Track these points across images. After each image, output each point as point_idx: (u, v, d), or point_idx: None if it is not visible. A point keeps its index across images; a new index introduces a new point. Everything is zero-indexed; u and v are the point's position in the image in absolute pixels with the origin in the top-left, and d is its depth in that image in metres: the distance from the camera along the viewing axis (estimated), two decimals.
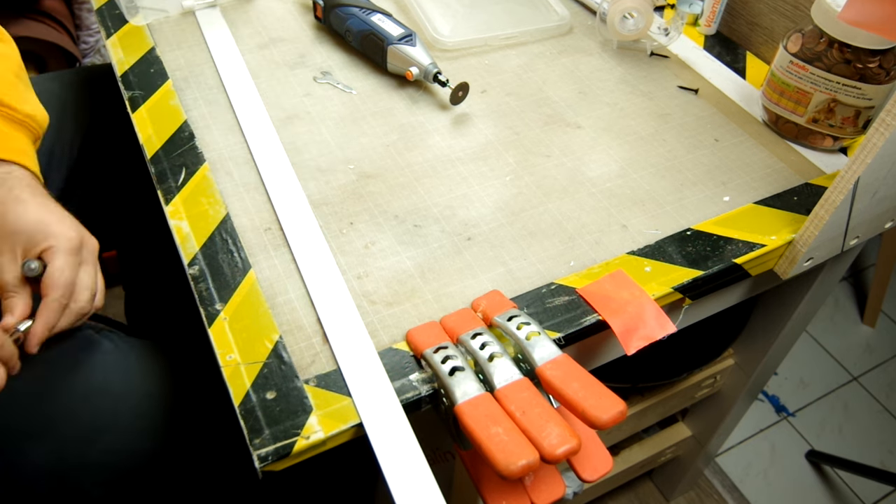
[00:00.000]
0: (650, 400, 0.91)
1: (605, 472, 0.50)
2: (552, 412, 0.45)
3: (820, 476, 1.35)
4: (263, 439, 0.46)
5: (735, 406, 0.99)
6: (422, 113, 0.73)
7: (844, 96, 0.66)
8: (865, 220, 0.62)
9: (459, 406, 0.45)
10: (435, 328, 0.52)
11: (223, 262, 0.57)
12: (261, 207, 0.61)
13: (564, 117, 0.74)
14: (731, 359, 0.94)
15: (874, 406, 1.47)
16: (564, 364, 0.48)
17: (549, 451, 0.42)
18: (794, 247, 0.61)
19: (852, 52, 0.64)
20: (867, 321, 1.61)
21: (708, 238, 0.61)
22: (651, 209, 0.64)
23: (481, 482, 0.50)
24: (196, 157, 0.65)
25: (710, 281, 0.59)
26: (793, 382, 1.50)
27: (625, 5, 0.79)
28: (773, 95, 0.71)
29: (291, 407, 0.48)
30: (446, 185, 0.65)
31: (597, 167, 0.68)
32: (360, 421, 0.47)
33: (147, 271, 0.91)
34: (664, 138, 0.72)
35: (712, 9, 0.85)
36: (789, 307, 0.81)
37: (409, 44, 0.74)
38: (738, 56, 0.84)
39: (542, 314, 0.55)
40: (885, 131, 0.51)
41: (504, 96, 0.76)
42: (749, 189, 0.67)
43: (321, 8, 0.80)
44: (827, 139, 0.70)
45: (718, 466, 1.34)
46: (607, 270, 0.58)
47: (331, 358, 0.51)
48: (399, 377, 0.50)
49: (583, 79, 0.79)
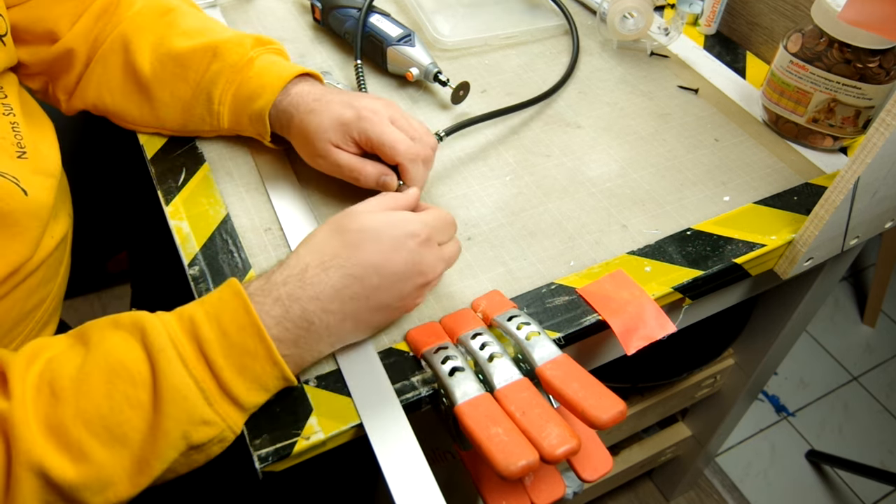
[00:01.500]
0: (650, 400, 0.91)
1: (605, 472, 0.50)
2: (552, 412, 0.45)
3: (820, 476, 1.35)
4: (263, 440, 0.46)
5: (735, 406, 0.99)
6: (422, 113, 0.73)
7: (844, 96, 0.66)
8: (865, 220, 0.62)
9: (459, 406, 0.45)
10: (435, 328, 0.52)
11: (223, 263, 0.57)
12: (261, 207, 0.61)
13: (564, 117, 0.74)
14: (731, 359, 0.94)
15: (874, 406, 1.47)
16: (564, 364, 0.48)
17: (549, 451, 0.42)
18: (794, 247, 0.61)
19: (852, 52, 0.64)
20: (867, 321, 1.61)
21: (708, 238, 0.61)
22: (651, 209, 0.64)
23: (481, 482, 0.50)
24: (196, 158, 0.65)
25: (710, 281, 0.59)
26: (793, 382, 1.50)
27: (625, 5, 0.79)
28: (773, 95, 0.71)
29: (291, 407, 0.48)
30: (446, 185, 0.65)
31: (597, 167, 0.68)
32: (360, 421, 0.47)
33: (156, 271, 0.91)
34: (664, 138, 0.72)
35: (712, 8, 0.85)
36: (789, 307, 0.81)
37: (409, 44, 0.74)
38: (738, 56, 0.84)
39: (542, 314, 0.55)
40: (885, 131, 0.51)
41: (504, 96, 0.76)
42: (749, 189, 0.67)
43: (319, 10, 0.80)
44: (827, 139, 0.70)
45: (718, 466, 1.34)
46: (607, 270, 0.58)
47: (331, 358, 0.51)
48: (399, 377, 0.50)
49: (583, 79, 0.79)
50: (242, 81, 0.60)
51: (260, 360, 0.43)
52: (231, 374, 0.43)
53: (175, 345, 0.42)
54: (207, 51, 0.61)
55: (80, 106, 0.66)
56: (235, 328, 0.43)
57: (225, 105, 0.61)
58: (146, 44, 0.62)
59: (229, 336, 0.43)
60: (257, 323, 0.43)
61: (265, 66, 0.61)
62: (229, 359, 0.43)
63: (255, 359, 0.43)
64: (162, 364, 0.41)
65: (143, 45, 0.62)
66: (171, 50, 0.61)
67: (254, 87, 0.60)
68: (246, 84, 0.60)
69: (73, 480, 0.39)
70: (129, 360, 0.42)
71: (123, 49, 0.63)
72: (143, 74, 0.62)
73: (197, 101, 0.62)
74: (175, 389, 0.41)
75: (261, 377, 0.44)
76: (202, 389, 0.42)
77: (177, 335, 0.42)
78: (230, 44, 0.61)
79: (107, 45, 0.63)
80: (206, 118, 0.63)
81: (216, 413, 0.42)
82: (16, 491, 0.39)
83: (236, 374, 0.43)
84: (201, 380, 0.42)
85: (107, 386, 0.41)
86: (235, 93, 0.61)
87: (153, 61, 0.62)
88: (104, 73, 0.63)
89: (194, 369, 0.42)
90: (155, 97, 0.63)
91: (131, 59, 0.62)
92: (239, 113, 0.61)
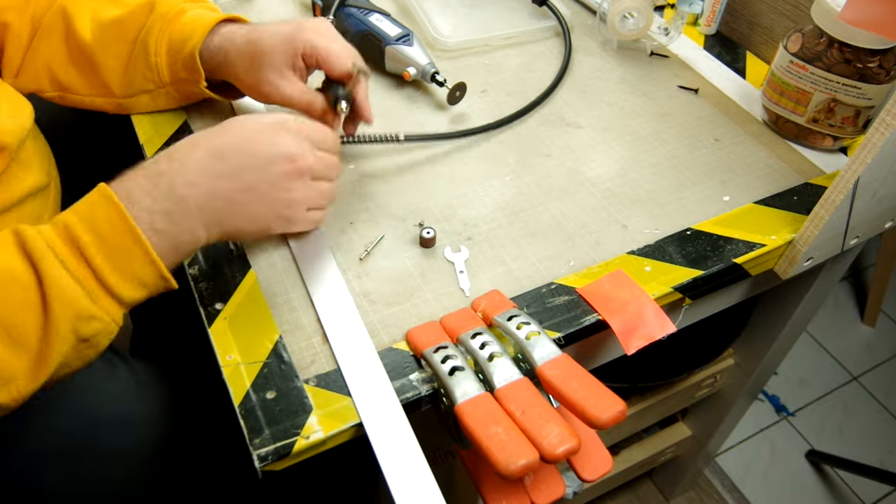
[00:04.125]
0: (650, 400, 0.91)
1: (605, 472, 0.50)
2: (552, 412, 0.45)
3: (820, 476, 1.35)
4: (263, 439, 0.46)
5: (735, 406, 0.99)
6: (421, 112, 0.73)
7: (844, 96, 0.66)
8: (865, 220, 0.62)
9: (459, 406, 0.45)
10: (435, 328, 0.52)
11: (223, 262, 0.57)
12: None
13: (564, 117, 0.74)
14: (731, 359, 0.94)
15: (874, 406, 1.47)
16: (564, 364, 0.48)
17: (549, 450, 0.42)
18: (794, 246, 0.61)
19: (852, 52, 0.64)
20: (867, 321, 1.61)
21: (708, 238, 0.61)
22: (651, 209, 0.64)
23: (481, 482, 0.50)
24: None
25: (710, 281, 0.59)
26: (793, 382, 1.50)
27: (625, 5, 0.79)
28: (773, 95, 0.71)
29: (291, 407, 0.48)
30: (446, 185, 0.65)
31: (597, 167, 0.68)
32: (359, 421, 0.47)
33: None
34: (664, 138, 0.72)
35: (712, 8, 0.85)
36: (789, 307, 0.81)
37: (407, 44, 0.74)
38: (738, 56, 0.84)
39: (542, 314, 0.55)
40: (885, 131, 0.51)
41: (504, 96, 0.76)
42: (749, 189, 0.67)
43: (320, 8, 0.80)
44: (827, 139, 0.70)
45: (718, 466, 1.34)
46: (607, 270, 0.58)
47: (331, 358, 0.51)
48: (399, 377, 0.50)
49: (583, 79, 0.79)
50: (174, 30, 0.62)
51: (137, 258, 0.46)
52: (109, 271, 0.45)
53: (53, 249, 0.44)
54: (144, 7, 0.63)
55: (30, 86, 0.66)
56: (109, 229, 0.45)
57: (161, 56, 0.63)
58: (86, 12, 0.64)
59: (104, 237, 0.45)
60: (130, 222, 0.45)
61: (196, 15, 0.63)
62: (107, 258, 0.45)
63: (130, 256, 0.46)
64: (44, 268, 0.43)
65: (83, 14, 0.64)
66: (110, 15, 0.63)
67: (186, 31, 0.62)
68: (178, 31, 0.62)
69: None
70: (14, 266, 0.44)
71: (64, 21, 0.64)
72: (85, 42, 0.63)
73: (136, 58, 0.63)
74: (60, 290, 0.43)
75: (138, 273, 0.46)
76: (85, 288, 0.44)
77: (53, 241, 0.45)
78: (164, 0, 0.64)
79: (47, 20, 0.65)
80: (146, 74, 0.64)
81: (101, 308, 0.45)
82: None
83: (114, 272, 0.45)
84: (83, 279, 0.44)
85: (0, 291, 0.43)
86: (169, 41, 0.62)
87: (93, 28, 0.63)
88: (49, 48, 0.65)
89: (75, 271, 0.44)
90: (98, 63, 0.64)
91: (72, 30, 0.64)
92: (174, 61, 0.63)
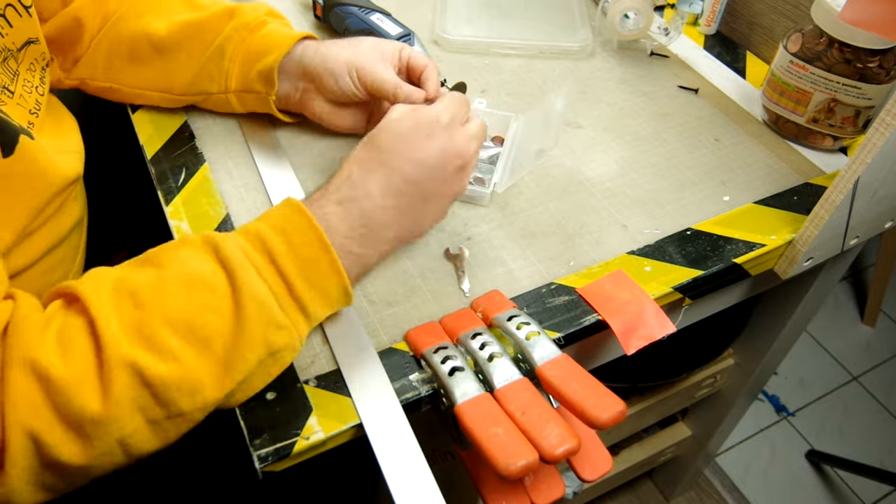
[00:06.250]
0: (650, 400, 0.91)
1: (605, 472, 0.50)
2: (552, 412, 0.45)
3: (820, 476, 1.36)
4: (263, 440, 0.46)
5: (735, 406, 0.99)
6: None
7: (844, 96, 0.66)
8: (865, 220, 0.62)
9: (459, 406, 0.45)
10: (435, 328, 0.52)
11: None
12: (261, 207, 0.61)
13: (564, 117, 0.74)
14: (731, 359, 0.94)
15: (874, 406, 1.47)
16: (564, 364, 0.48)
17: (549, 451, 0.42)
18: (794, 246, 0.61)
19: (852, 52, 0.64)
20: (867, 321, 1.61)
21: (708, 238, 0.61)
22: (651, 209, 0.64)
23: (481, 482, 0.50)
24: (196, 158, 0.65)
25: (710, 281, 0.59)
26: (793, 382, 1.50)
27: (625, 5, 0.79)
28: (773, 95, 0.71)
29: (291, 407, 0.48)
30: None
31: (597, 167, 0.68)
32: (360, 421, 0.47)
33: None
34: (664, 138, 0.72)
35: (712, 8, 0.85)
36: (789, 307, 0.81)
37: (408, 43, 0.74)
38: (738, 56, 0.84)
39: (541, 314, 0.55)
40: (885, 131, 0.51)
41: (504, 96, 0.76)
42: (749, 189, 0.67)
43: (321, 7, 0.80)
44: (827, 139, 0.70)
45: (718, 466, 1.34)
46: (607, 270, 0.58)
47: (331, 358, 0.51)
48: (399, 377, 0.50)
49: (583, 79, 0.79)
50: (253, 41, 0.63)
51: (324, 270, 0.47)
52: (299, 281, 0.46)
53: (248, 256, 0.45)
54: (225, 13, 0.64)
55: (81, 75, 0.67)
56: (301, 241, 0.46)
57: (235, 62, 0.63)
58: (162, 12, 0.66)
59: (295, 248, 0.46)
60: (321, 235, 0.46)
61: (276, 29, 0.64)
62: (298, 268, 0.46)
63: (320, 269, 0.46)
64: (239, 273, 0.43)
65: (159, 12, 0.66)
66: (187, 17, 0.65)
67: (266, 43, 0.63)
68: (258, 42, 0.63)
69: (165, 376, 0.41)
70: (206, 273, 0.44)
71: (136, 17, 0.66)
72: (159, 37, 0.64)
73: (210, 61, 0.64)
74: (252, 295, 0.43)
75: (325, 286, 0.47)
76: (275, 294, 0.45)
77: (247, 248, 0.45)
78: (247, 7, 0.65)
79: (120, 13, 0.66)
80: (214, 75, 0.64)
81: (288, 318, 0.45)
82: (111, 388, 0.40)
83: (304, 282, 0.46)
84: (274, 285, 0.45)
85: (187, 294, 0.43)
86: (246, 50, 0.63)
87: (170, 26, 0.64)
88: (114, 40, 0.66)
89: (267, 278, 0.45)
90: (170, 57, 0.65)
91: (145, 25, 0.65)
92: (248, 69, 0.63)
